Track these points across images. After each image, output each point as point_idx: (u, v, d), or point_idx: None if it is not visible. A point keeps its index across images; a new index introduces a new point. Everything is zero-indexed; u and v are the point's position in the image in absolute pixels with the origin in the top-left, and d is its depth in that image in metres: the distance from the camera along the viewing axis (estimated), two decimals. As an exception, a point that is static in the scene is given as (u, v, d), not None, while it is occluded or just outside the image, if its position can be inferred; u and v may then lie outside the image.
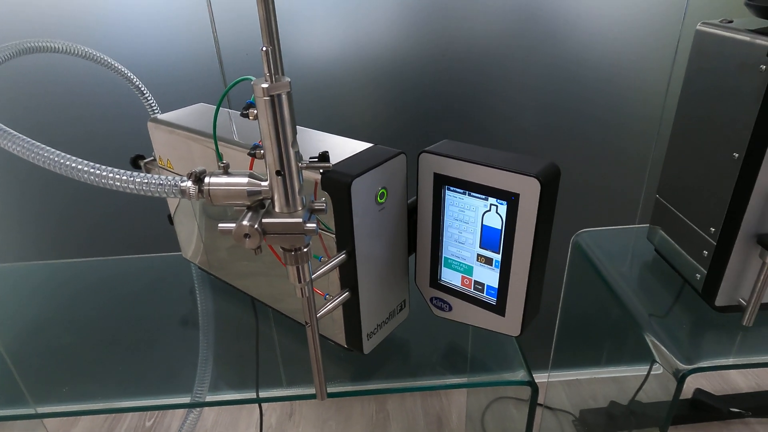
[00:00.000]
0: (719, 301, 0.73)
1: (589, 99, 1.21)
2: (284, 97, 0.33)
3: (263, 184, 0.36)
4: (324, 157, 0.44)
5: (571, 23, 1.14)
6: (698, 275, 0.75)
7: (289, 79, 0.34)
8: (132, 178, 0.37)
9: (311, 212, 0.38)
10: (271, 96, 0.33)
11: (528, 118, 1.23)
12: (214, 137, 0.54)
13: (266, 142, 0.34)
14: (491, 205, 0.59)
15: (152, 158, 0.83)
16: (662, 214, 0.84)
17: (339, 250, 0.59)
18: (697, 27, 0.72)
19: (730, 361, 0.73)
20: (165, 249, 0.95)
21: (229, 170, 0.37)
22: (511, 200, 0.57)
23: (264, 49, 0.33)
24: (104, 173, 0.37)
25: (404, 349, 0.74)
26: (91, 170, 0.37)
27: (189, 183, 0.37)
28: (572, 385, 1.49)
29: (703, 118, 0.73)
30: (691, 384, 1.49)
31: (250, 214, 0.36)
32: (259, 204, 0.37)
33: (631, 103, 1.23)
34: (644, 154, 1.29)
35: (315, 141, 0.66)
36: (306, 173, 0.57)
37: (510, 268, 0.60)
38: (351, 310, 0.63)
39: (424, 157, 0.62)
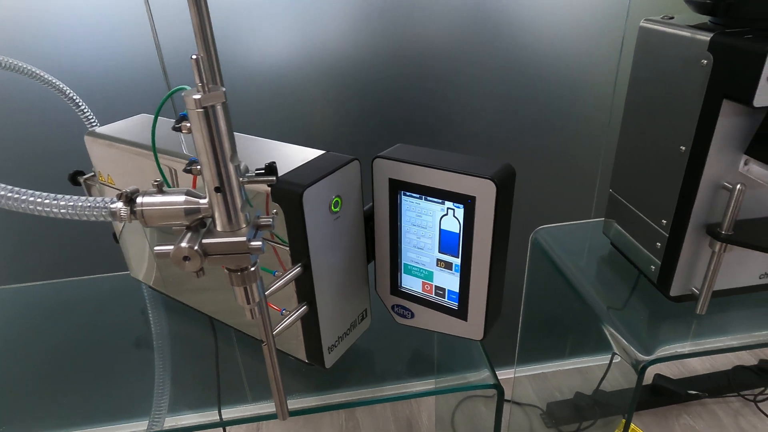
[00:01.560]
0: (674, 291, 0.75)
1: (542, 98, 1.23)
2: (219, 108, 0.31)
3: (202, 201, 0.33)
4: (271, 169, 0.42)
5: (519, 25, 1.15)
6: (653, 267, 0.77)
7: (224, 89, 0.32)
8: (56, 202, 0.34)
9: (257, 229, 0.35)
10: (205, 108, 0.30)
11: (484, 118, 1.23)
12: (154, 151, 0.51)
13: (202, 157, 0.32)
14: (448, 208, 0.58)
15: (92, 174, 0.78)
16: (615, 208, 0.85)
17: (294, 263, 0.57)
18: (641, 24, 0.74)
19: (687, 349, 0.75)
20: (108, 269, 0.90)
21: (165, 188, 0.34)
22: (468, 203, 0.56)
23: (194, 57, 0.31)
24: (23, 197, 0.33)
25: (368, 360, 0.72)
26: (8, 194, 0.33)
27: (119, 204, 0.34)
28: (539, 378, 1.51)
29: (650, 112, 0.74)
30: (651, 370, 1.53)
31: (189, 234, 0.33)
32: (199, 223, 0.34)
33: (581, 100, 1.25)
34: (596, 150, 1.32)
35: (266, 150, 0.64)
36: (257, 185, 0.54)
37: (470, 272, 0.59)
38: (309, 324, 0.61)
39: (378, 163, 0.60)
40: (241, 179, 0.33)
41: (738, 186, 0.64)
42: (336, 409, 0.66)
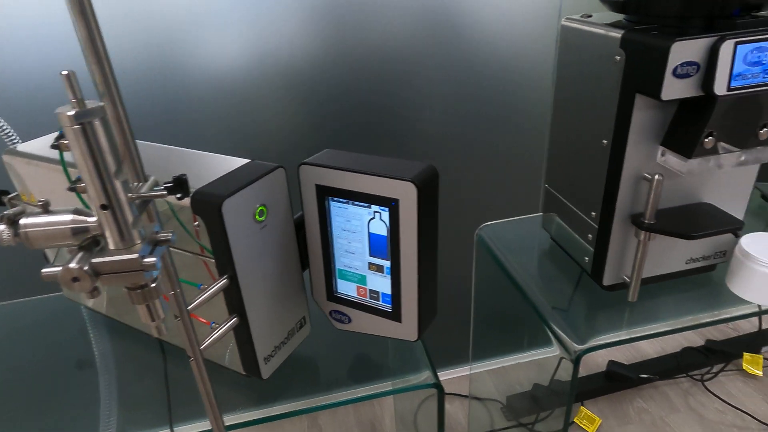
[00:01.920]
0: (607, 281, 0.77)
1: (489, 97, 1.25)
2: (98, 123, 0.30)
3: (90, 220, 0.32)
4: (179, 182, 0.41)
5: (466, 26, 1.16)
6: (587, 258, 0.79)
7: (102, 104, 0.31)
8: (-63, 227, 0.32)
9: (154, 245, 0.35)
10: (81, 124, 0.30)
11: (433, 119, 1.24)
12: (63, 167, 0.49)
13: (84, 174, 0.31)
14: (375, 212, 0.58)
15: (16, 194, 0.75)
16: (552, 203, 0.87)
17: (221, 275, 0.56)
18: (561, 22, 0.76)
19: (622, 335, 0.77)
20: (42, 290, 0.86)
21: (50, 208, 0.33)
22: (392, 206, 0.56)
23: (64, 73, 0.30)
24: None
25: (309, 367, 0.71)
26: None
27: (1, 227, 0.32)
28: (499, 373, 1.54)
29: (574, 108, 0.76)
30: (605, 357, 1.58)
31: (80, 254, 0.32)
32: (92, 242, 0.33)
33: (525, 97, 1.27)
34: (541, 145, 1.35)
35: (190, 161, 0.63)
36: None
37: (400, 274, 0.60)
38: (242, 335, 0.60)
39: (304, 169, 0.60)
40: (131, 195, 0.32)
41: (656, 176, 0.66)
42: (276, 420, 0.65)
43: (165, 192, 0.33)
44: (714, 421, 1.37)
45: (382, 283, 0.62)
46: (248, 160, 0.60)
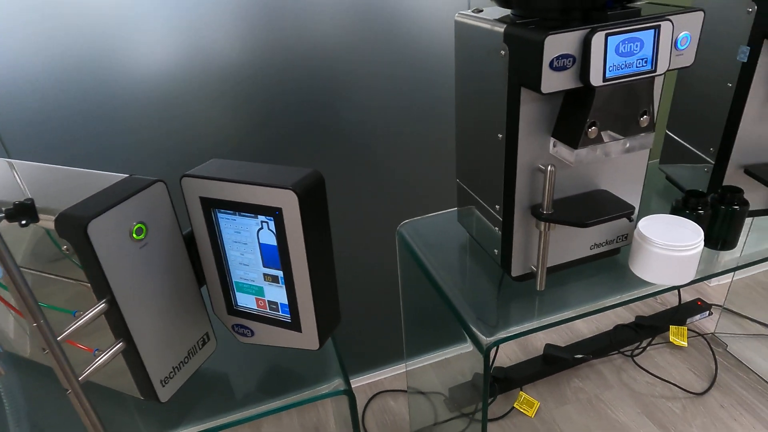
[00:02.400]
0: (515, 272, 0.78)
1: (419, 92, 1.24)
2: None
3: None
4: (22, 208, 0.38)
5: (398, 22, 1.15)
6: (496, 250, 0.80)
7: None
8: None
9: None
10: None
11: (367, 115, 1.22)
12: None
13: None
14: (262, 222, 0.57)
15: None
16: (463, 197, 0.88)
17: (99, 300, 0.53)
18: (455, 17, 0.76)
19: (534, 324, 0.79)
20: None
21: None
22: (276, 215, 0.55)
23: None
24: None
25: (217, 383, 0.69)
26: None
27: None
28: (441, 365, 1.55)
29: (472, 104, 0.77)
30: (541, 340, 1.62)
31: None
32: None
33: (450, 91, 1.28)
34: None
35: (61, 180, 0.59)
36: (43, 219, 0.50)
37: (293, 283, 0.58)
38: (132, 360, 0.57)
39: (186, 182, 0.58)
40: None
41: (549, 168, 0.67)
42: (180, 443, 0.62)
43: (24, 219, 0.31)
44: (645, 393, 1.43)
45: (278, 294, 0.61)
46: (126, 176, 0.57)
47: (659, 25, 0.58)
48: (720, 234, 0.82)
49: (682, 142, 0.95)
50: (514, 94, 0.64)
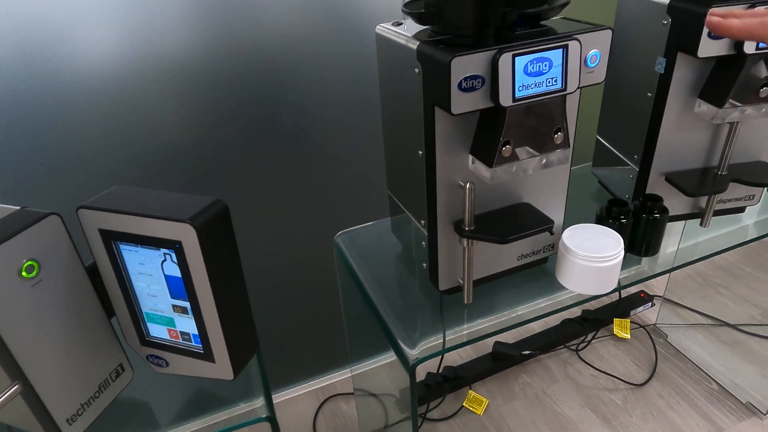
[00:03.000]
0: (443, 285, 0.78)
1: (366, 97, 1.22)
2: None
3: None
4: None
5: (359, 15, 1.11)
6: (425, 264, 0.80)
7: None
8: None
9: None
10: None
11: (326, 113, 1.18)
12: None
13: None
14: (164, 254, 0.54)
15: None
16: (394, 208, 0.87)
17: (-13, 343, 0.50)
18: (376, 30, 0.74)
19: (463, 338, 0.79)
20: None
21: None
22: (177, 248, 0.53)
23: None
24: None
25: (136, 413, 0.67)
26: None
27: None
28: (392, 366, 1.55)
29: (394, 117, 0.76)
30: (492, 337, 1.64)
31: None
32: None
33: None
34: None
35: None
36: None
37: (201, 314, 0.57)
38: (31, 401, 0.55)
39: (83, 214, 0.55)
40: None
41: (468, 184, 0.67)
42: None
43: None
44: (589, 386, 1.47)
45: (189, 325, 0.59)
46: (17, 208, 0.54)
47: (567, 45, 0.58)
48: (643, 241, 0.84)
49: (610, 147, 0.97)
50: (429, 112, 0.64)
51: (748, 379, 1.42)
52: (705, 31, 0.69)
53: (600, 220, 0.82)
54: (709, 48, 0.70)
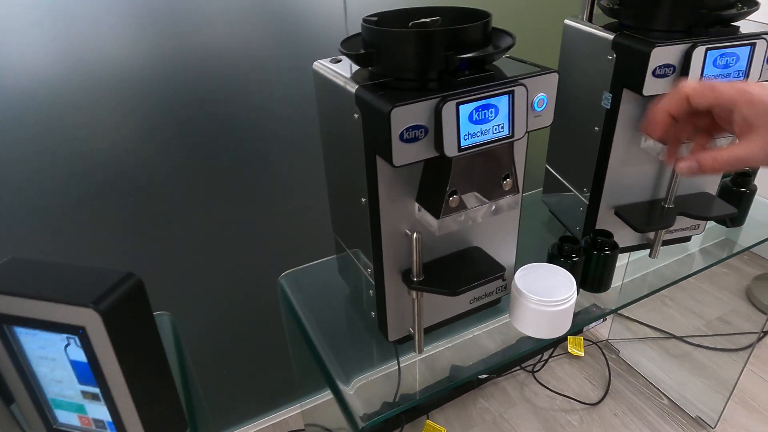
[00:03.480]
0: (392, 337, 0.73)
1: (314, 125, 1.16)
2: None
3: None
4: None
5: (300, 22, 1.05)
6: (373, 313, 0.75)
7: None
8: None
9: None
10: None
11: (277, 129, 1.11)
12: None
13: None
14: (67, 337, 0.47)
15: None
16: (340, 250, 0.82)
17: None
18: (313, 65, 0.69)
19: (416, 394, 0.75)
20: None
21: None
22: (80, 333, 0.46)
23: None
24: None
25: None
26: None
27: None
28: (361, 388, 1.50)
29: (335, 160, 0.71)
30: (449, 361, 1.61)
31: None
32: None
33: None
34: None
35: None
36: None
37: (114, 401, 0.50)
38: None
39: (-33, 294, 0.47)
40: None
41: (415, 235, 0.63)
42: None
43: None
44: (545, 408, 1.46)
45: (101, 412, 0.52)
46: None
47: (513, 91, 0.55)
48: (595, 277, 0.82)
49: (560, 178, 0.95)
50: (371, 160, 0.59)
51: (696, 392, 1.45)
52: (650, 69, 0.68)
53: (552, 258, 0.80)
54: (654, 86, 0.69)
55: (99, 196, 1.01)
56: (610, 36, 0.73)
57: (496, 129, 0.56)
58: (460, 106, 0.53)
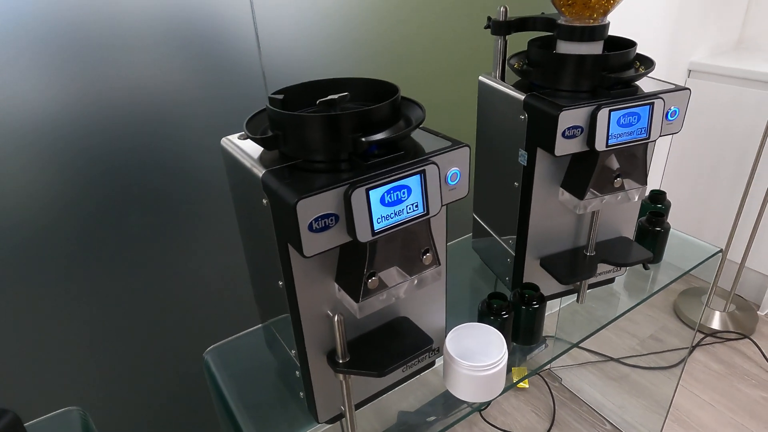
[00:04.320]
0: (322, 418, 0.70)
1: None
2: None
3: None
4: None
5: (235, 52, 0.99)
6: (302, 393, 0.71)
7: None
8: None
9: None
10: None
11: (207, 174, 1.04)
12: None
13: None
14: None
15: None
16: (265, 320, 0.78)
17: None
18: (221, 142, 0.65)
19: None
20: None
21: None
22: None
23: None
24: None
25: None
26: None
27: None
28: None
29: (250, 239, 0.68)
30: (395, 407, 1.57)
31: None
32: None
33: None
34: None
35: None
36: None
37: None
38: None
39: None
40: None
41: (337, 317, 0.60)
42: None
43: None
44: (494, 446, 1.45)
45: None
46: None
47: (424, 170, 0.54)
48: (525, 330, 0.83)
49: (487, 228, 0.95)
50: (283, 246, 0.56)
51: (636, 415, 1.49)
52: (559, 131, 0.69)
53: (482, 316, 0.79)
54: (565, 147, 0.70)
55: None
56: (521, 96, 0.75)
57: (410, 209, 0.55)
58: (371, 192, 0.51)
